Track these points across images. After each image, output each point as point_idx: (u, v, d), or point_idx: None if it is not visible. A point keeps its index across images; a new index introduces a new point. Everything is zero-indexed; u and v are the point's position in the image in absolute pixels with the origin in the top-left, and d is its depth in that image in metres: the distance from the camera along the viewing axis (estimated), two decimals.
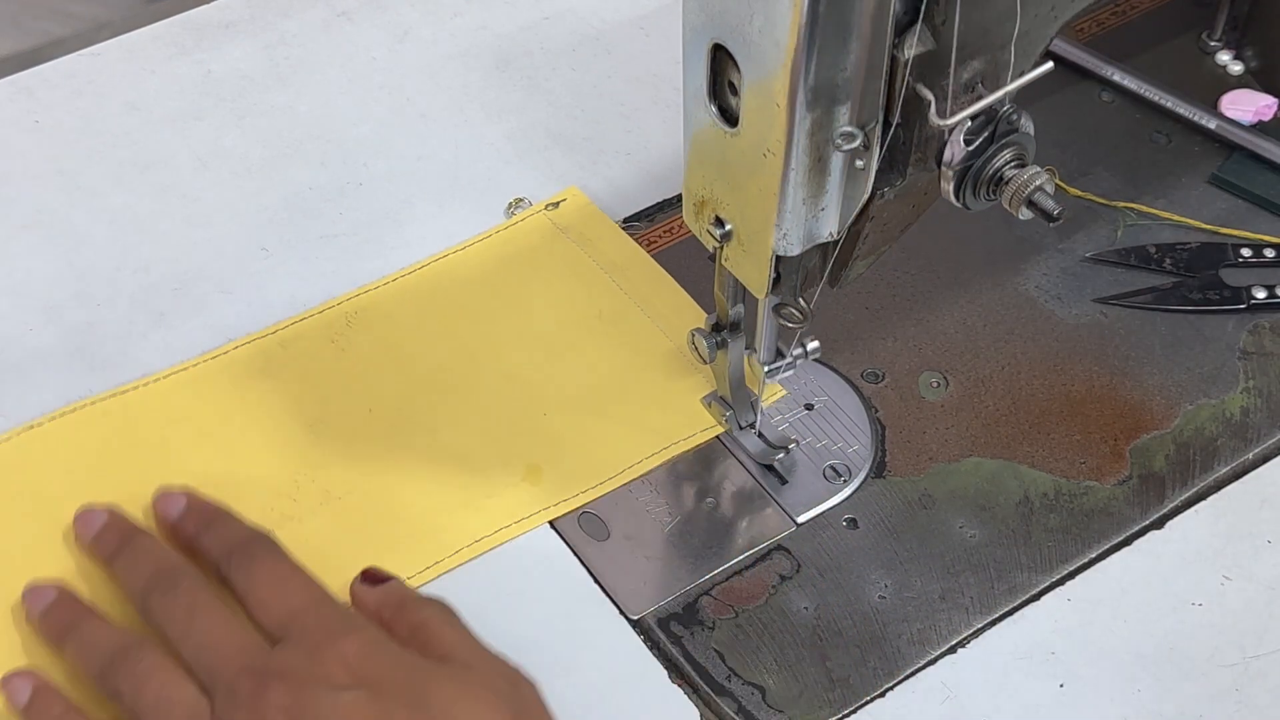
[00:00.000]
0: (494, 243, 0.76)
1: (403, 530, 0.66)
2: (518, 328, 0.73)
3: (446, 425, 0.69)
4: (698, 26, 0.54)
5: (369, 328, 0.73)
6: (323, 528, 0.65)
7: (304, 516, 0.66)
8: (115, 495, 0.64)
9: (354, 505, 0.66)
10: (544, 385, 0.71)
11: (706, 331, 0.66)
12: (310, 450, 0.68)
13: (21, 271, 0.77)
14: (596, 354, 0.72)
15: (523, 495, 0.67)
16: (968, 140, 0.54)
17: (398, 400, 0.70)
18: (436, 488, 0.67)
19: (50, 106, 0.85)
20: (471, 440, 0.69)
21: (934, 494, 0.68)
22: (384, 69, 0.88)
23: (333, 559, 0.62)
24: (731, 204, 0.57)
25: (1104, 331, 0.75)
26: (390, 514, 0.66)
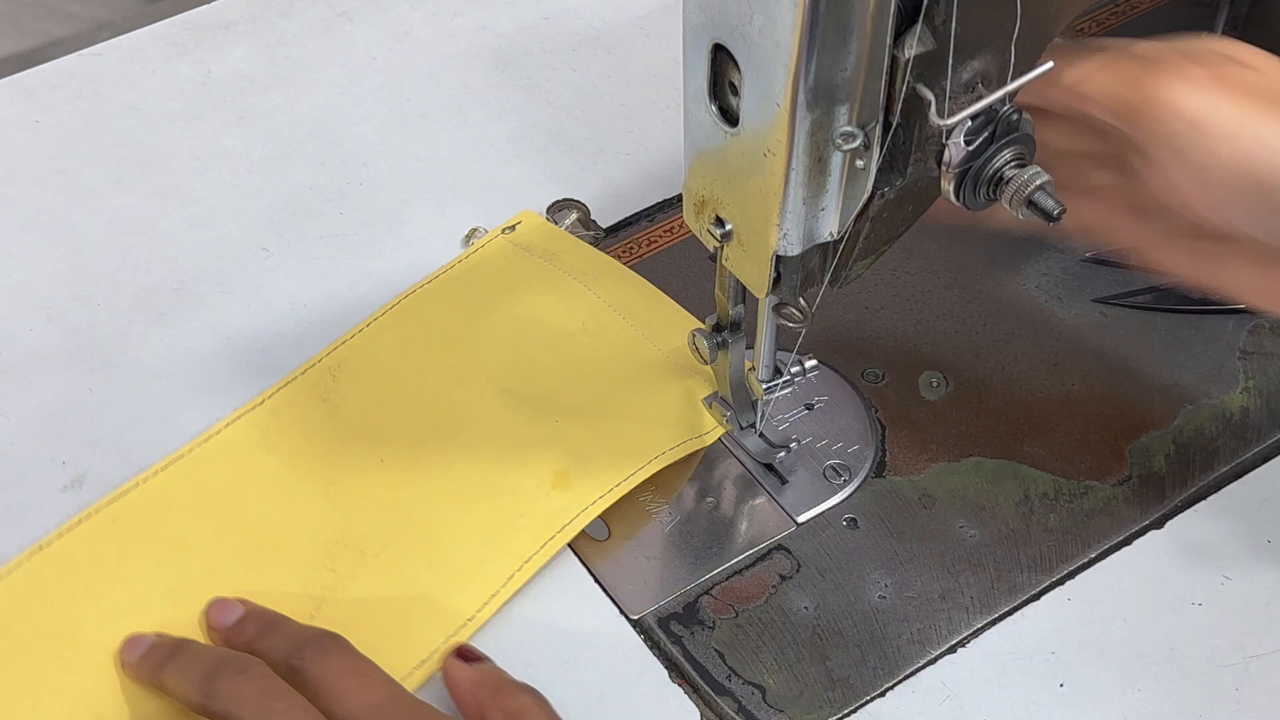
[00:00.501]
0: (460, 271, 0.75)
1: (451, 571, 0.64)
2: (504, 348, 0.71)
3: (462, 455, 0.67)
4: (698, 26, 0.54)
5: (356, 378, 0.70)
6: (369, 590, 0.63)
7: (346, 584, 0.63)
8: (144, 606, 0.62)
9: (393, 559, 0.64)
10: (547, 398, 0.69)
11: (707, 332, 0.66)
12: (333, 515, 0.65)
13: (21, 271, 0.77)
14: (589, 364, 0.71)
15: (558, 503, 0.66)
16: (968, 140, 0.54)
17: (407, 442, 0.68)
18: (470, 519, 0.65)
19: (50, 106, 0.85)
20: (491, 464, 0.67)
21: (934, 494, 0.68)
22: (384, 69, 0.88)
23: (387, 619, 0.61)
24: (731, 204, 0.57)
25: (1104, 331, 0.75)
26: (432, 558, 0.64)
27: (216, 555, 0.64)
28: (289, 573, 0.63)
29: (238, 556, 0.64)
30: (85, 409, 0.71)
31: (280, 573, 0.63)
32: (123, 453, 0.70)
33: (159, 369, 0.73)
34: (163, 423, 0.71)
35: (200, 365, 0.73)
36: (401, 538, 0.65)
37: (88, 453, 0.70)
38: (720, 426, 0.69)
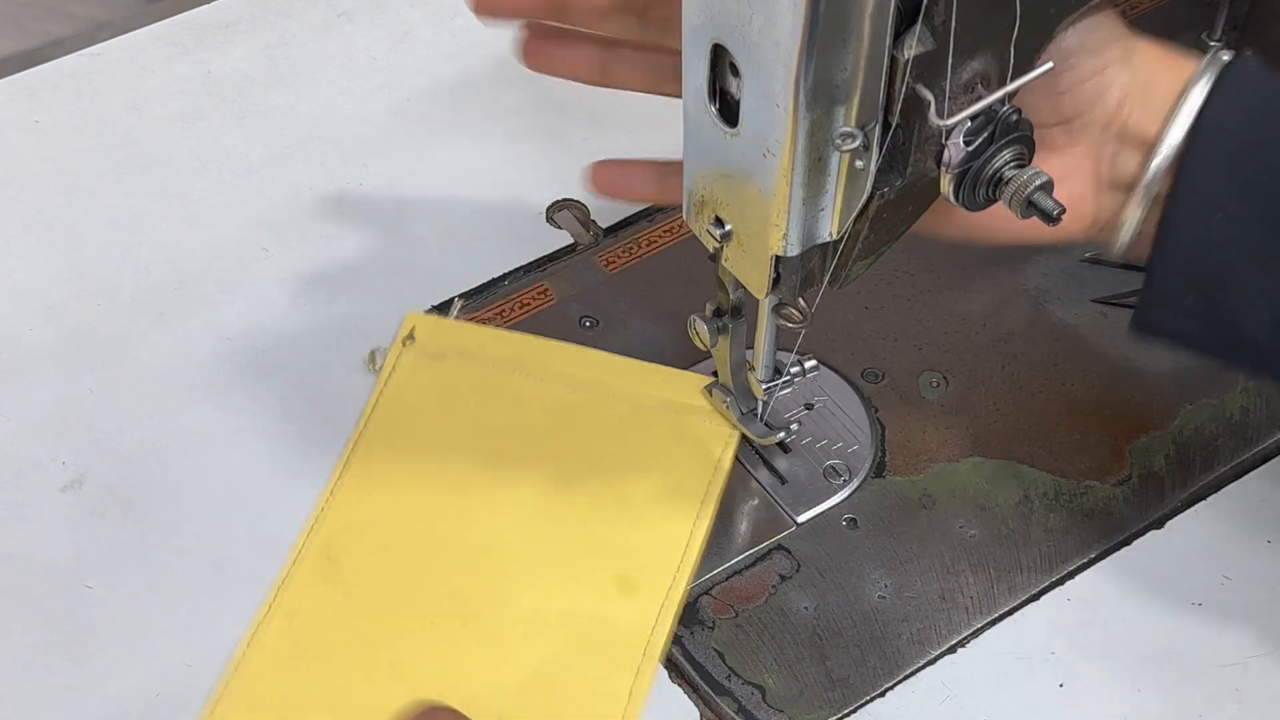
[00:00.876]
0: (386, 404, 0.70)
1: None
2: (488, 474, 0.67)
3: (513, 592, 0.63)
4: (698, 26, 0.54)
5: (353, 551, 0.65)
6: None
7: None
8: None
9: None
10: (559, 508, 0.66)
11: (708, 317, 0.66)
12: (400, 697, 0.60)
13: (21, 271, 0.77)
14: (578, 455, 0.67)
15: (635, 613, 0.62)
16: (967, 140, 0.54)
17: (452, 596, 0.63)
18: (559, 657, 0.62)
19: (50, 106, 0.85)
20: (550, 596, 0.63)
21: (934, 494, 0.68)
22: (384, 69, 0.88)
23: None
24: (731, 204, 0.57)
25: (1104, 331, 0.75)
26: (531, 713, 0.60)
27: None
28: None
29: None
30: (85, 409, 0.71)
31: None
32: (123, 453, 0.70)
33: (159, 369, 0.73)
34: (163, 423, 0.71)
35: (200, 365, 0.73)
36: (490, 701, 0.60)
37: (88, 453, 0.70)
38: (730, 440, 0.68)
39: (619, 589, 0.63)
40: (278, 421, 0.71)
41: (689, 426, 0.69)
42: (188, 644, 0.64)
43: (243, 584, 0.65)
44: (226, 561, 0.66)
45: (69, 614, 0.65)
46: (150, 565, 0.66)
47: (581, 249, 0.78)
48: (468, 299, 0.76)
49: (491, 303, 0.76)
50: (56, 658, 0.63)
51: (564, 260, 0.78)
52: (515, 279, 0.77)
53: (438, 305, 0.76)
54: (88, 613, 0.65)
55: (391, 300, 0.76)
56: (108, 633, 0.64)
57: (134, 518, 0.68)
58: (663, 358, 0.73)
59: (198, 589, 0.65)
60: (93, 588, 0.65)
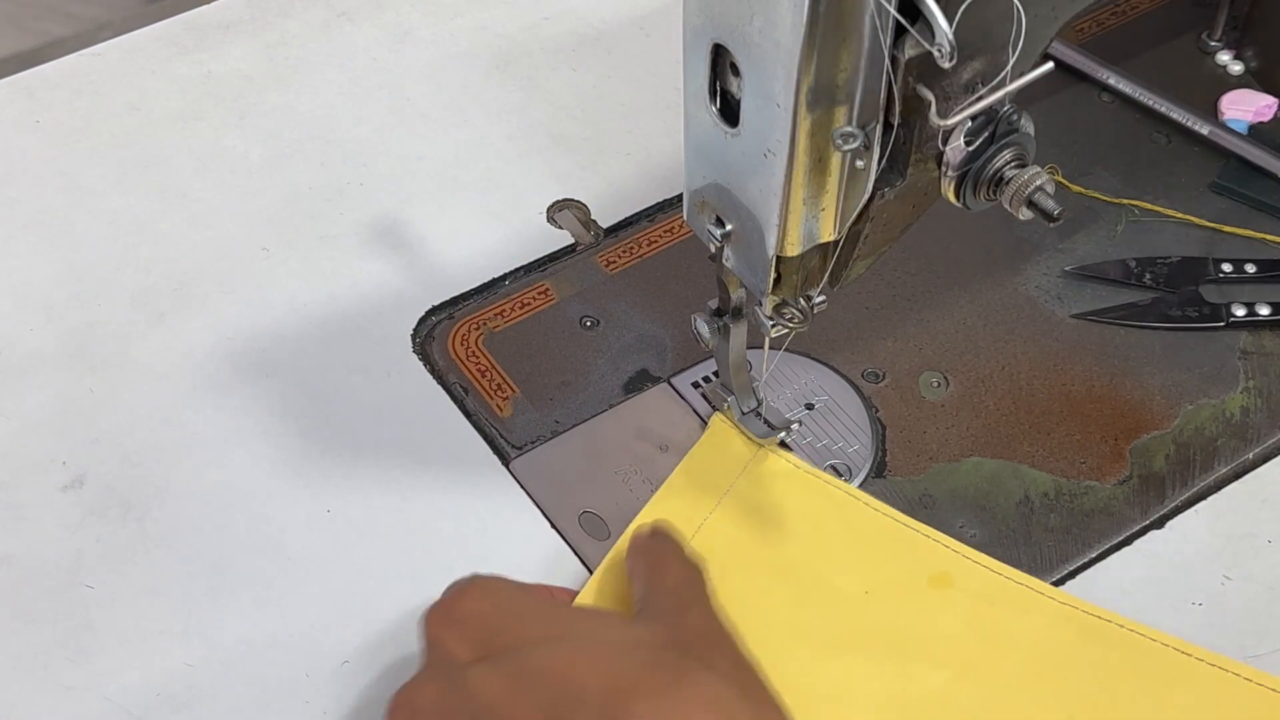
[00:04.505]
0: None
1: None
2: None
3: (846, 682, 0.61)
4: (698, 26, 0.54)
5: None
6: None
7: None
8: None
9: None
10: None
11: (708, 316, 0.66)
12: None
13: (21, 271, 0.77)
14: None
15: (963, 597, 0.63)
16: (968, 141, 0.54)
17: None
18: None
19: (50, 106, 0.85)
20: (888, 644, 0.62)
21: (934, 494, 0.68)
22: (384, 69, 0.88)
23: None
24: (731, 204, 0.57)
25: (1104, 331, 0.75)
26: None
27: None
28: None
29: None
30: (85, 409, 0.71)
31: None
32: (123, 453, 0.70)
33: (159, 369, 0.73)
34: (163, 423, 0.71)
35: (200, 365, 0.73)
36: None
37: (88, 453, 0.70)
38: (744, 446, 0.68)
39: (930, 582, 0.64)
40: (278, 421, 0.71)
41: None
42: (188, 644, 0.64)
43: (243, 584, 0.66)
44: (226, 561, 0.66)
45: (69, 614, 0.65)
46: (150, 565, 0.66)
47: (582, 249, 0.78)
48: (468, 299, 0.76)
49: (491, 303, 0.76)
50: (56, 658, 0.63)
51: (564, 260, 0.78)
52: (515, 279, 0.77)
53: (437, 306, 0.76)
54: (88, 613, 0.65)
55: (392, 300, 0.76)
56: (108, 633, 0.64)
57: (134, 518, 0.68)
58: (663, 357, 0.74)
59: (198, 589, 0.65)
60: (93, 588, 0.65)
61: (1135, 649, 0.62)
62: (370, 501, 0.68)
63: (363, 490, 0.69)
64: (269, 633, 0.64)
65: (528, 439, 0.71)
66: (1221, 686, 0.61)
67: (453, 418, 0.71)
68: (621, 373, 0.73)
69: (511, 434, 0.71)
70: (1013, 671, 0.61)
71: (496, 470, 0.70)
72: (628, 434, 0.71)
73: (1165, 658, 0.62)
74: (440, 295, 0.76)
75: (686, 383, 0.72)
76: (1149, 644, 0.62)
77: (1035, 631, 0.62)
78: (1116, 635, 0.62)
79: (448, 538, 0.67)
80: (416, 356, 0.74)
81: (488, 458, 0.70)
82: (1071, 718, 0.60)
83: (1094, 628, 0.62)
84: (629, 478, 0.69)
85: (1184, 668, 0.61)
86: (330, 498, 0.68)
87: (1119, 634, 0.62)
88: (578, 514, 0.68)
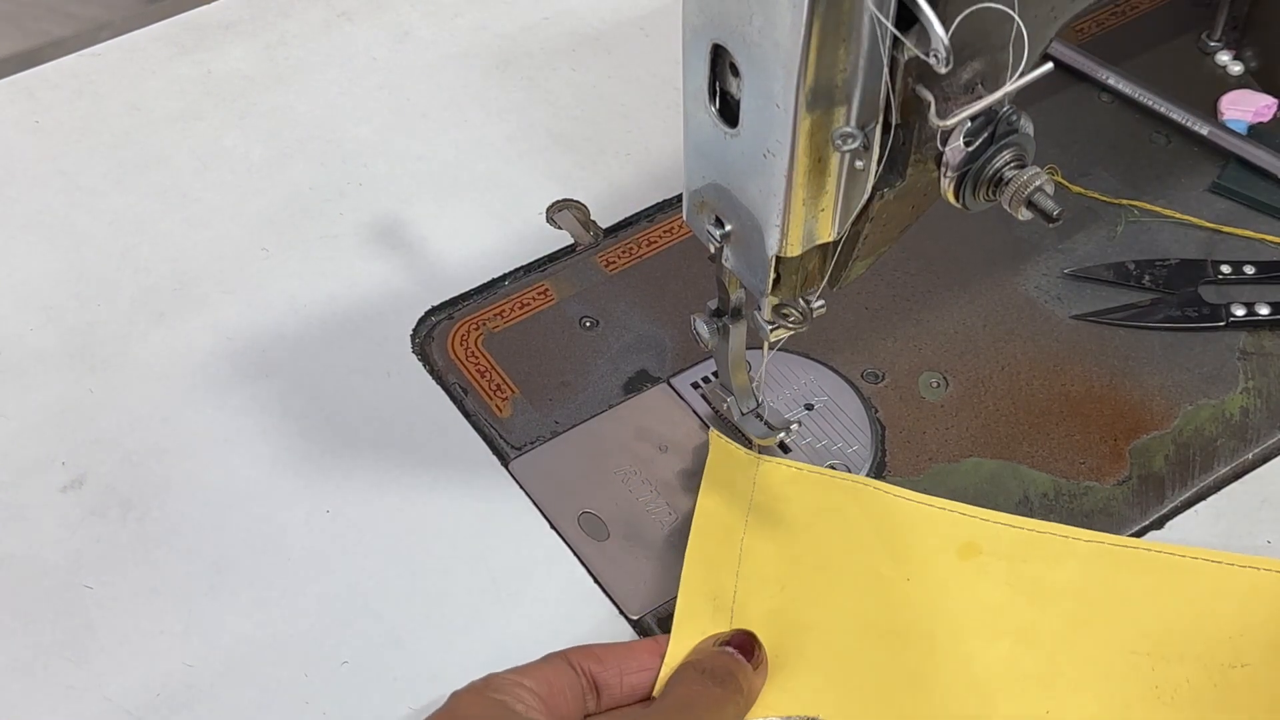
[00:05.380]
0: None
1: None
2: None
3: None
4: (698, 26, 0.54)
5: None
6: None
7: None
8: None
9: None
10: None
11: (707, 316, 0.66)
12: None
13: (21, 271, 0.77)
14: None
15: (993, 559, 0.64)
16: (967, 141, 0.54)
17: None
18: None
19: (50, 106, 0.85)
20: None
21: (934, 494, 0.68)
22: (384, 69, 0.88)
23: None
24: (731, 204, 0.57)
25: (1104, 332, 0.75)
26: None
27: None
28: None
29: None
30: (85, 409, 0.71)
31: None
32: (123, 453, 0.70)
33: (159, 369, 0.73)
34: (163, 423, 0.71)
35: (200, 365, 0.73)
36: None
37: (88, 453, 0.70)
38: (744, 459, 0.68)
39: (959, 552, 0.65)
40: (278, 421, 0.71)
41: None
42: (188, 644, 0.64)
43: (243, 584, 0.66)
44: (226, 561, 0.66)
45: (69, 614, 0.65)
46: (150, 565, 0.66)
47: (581, 249, 0.78)
48: (467, 299, 0.76)
49: (491, 303, 0.76)
50: (56, 658, 0.63)
51: (564, 260, 0.78)
52: (515, 279, 0.77)
53: (437, 306, 0.76)
54: (88, 613, 0.65)
55: (391, 300, 0.76)
56: (108, 633, 0.64)
57: (134, 518, 0.68)
58: (663, 358, 0.74)
59: (198, 589, 0.65)
60: (93, 588, 0.65)
61: (1172, 569, 0.64)
62: (370, 501, 0.68)
63: (363, 490, 0.69)
64: (269, 633, 0.64)
65: (527, 439, 0.71)
66: (1259, 583, 0.64)
67: (452, 418, 0.71)
68: (621, 373, 0.73)
69: (511, 434, 0.71)
70: (1065, 622, 0.63)
71: (496, 470, 0.70)
72: (627, 434, 0.71)
73: (1201, 570, 0.64)
74: (440, 295, 0.76)
75: (686, 383, 0.73)
76: (1182, 560, 0.65)
77: (1073, 578, 0.64)
78: (1149, 560, 0.65)
79: (447, 538, 0.67)
80: (416, 357, 0.74)
81: (487, 458, 0.70)
82: (1134, 650, 0.62)
83: (1126, 558, 0.65)
84: (628, 478, 0.69)
85: (1222, 576, 0.64)
86: (330, 498, 0.69)
87: (1151, 558, 0.65)
88: (577, 514, 0.68)
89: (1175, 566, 0.64)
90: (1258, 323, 0.74)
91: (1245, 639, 0.62)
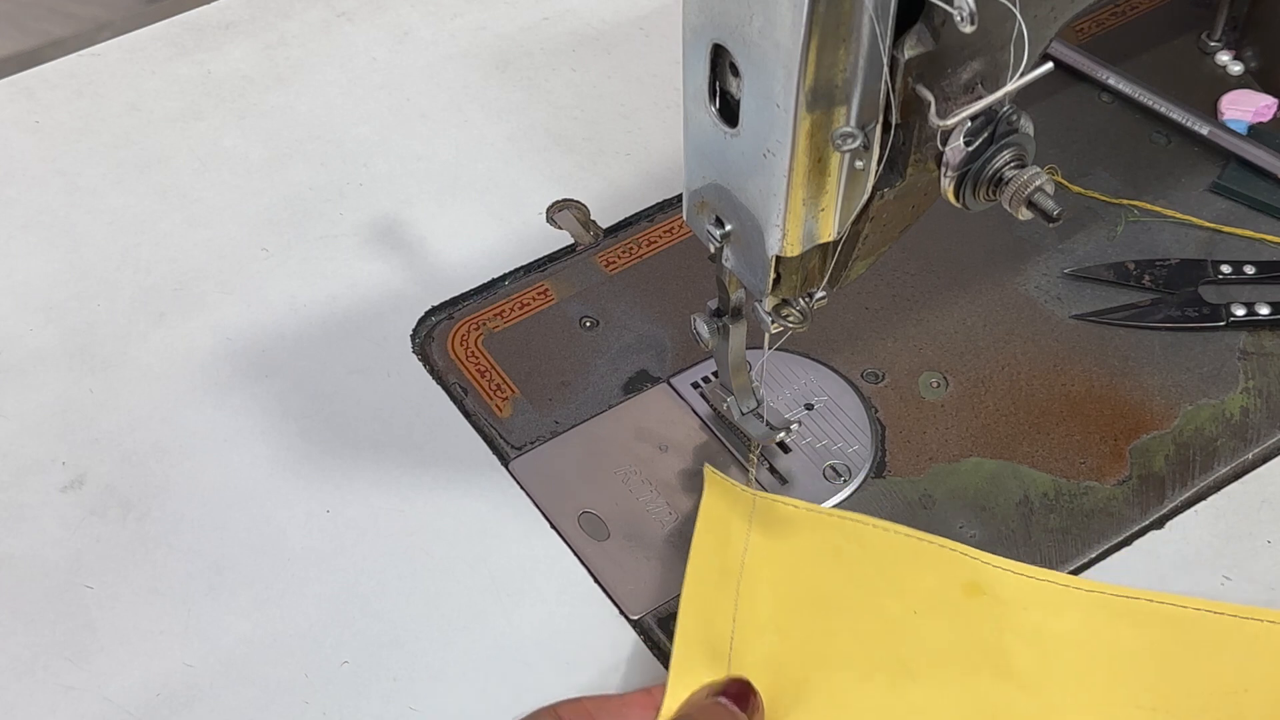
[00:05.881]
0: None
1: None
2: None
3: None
4: (698, 26, 0.54)
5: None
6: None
7: None
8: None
9: None
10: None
11: (707, 316, 0.66)
12: None
13: (21, 271, 0.77)
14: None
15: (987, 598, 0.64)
16: (967, 141, 0.54)
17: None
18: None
19: (50, 106, 0.85)
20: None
21: (934, 494, 0.68)
22: (384, 69, 0.88)
23: None
24: (731, 204, 0.57)
25: (1104, 332, 0.75)
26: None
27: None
28: None
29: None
30: (85, 409, 0.71)
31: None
32: (123, 453, 0.70)
33: (159, 369, 0.73)
34: (163, 423, 0.71)
35: (200, 365, 0.73)
36: None
37: (88, 453, 0.70)
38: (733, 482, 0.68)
39: (966, 592, 0.64)
40: (278, 421, 0.71)
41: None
42: (188, 644, 0.64)
43: (243, 584, 0.66)
44: (226, 561, 0.66)
45: (69, 614, 0.65)
46: (150, 565, 0.66)
47: (581, 249, 0.78)
48: (467, 299, 0.76)
49: (491, 303, 0.76)
50: (56, 658, 0.63)
51: (564, 260, 0.78)
52: (515, 279, 0.77)
53: (437, 306, 0.76)
54: (88, 613, 0.65)
55: (391, 300, 0.76)
56: (108, 633, 0.64)
57: (134, 518, 0.68)
58: (663, 358, 0.74)
59: (198, 589, 0.65)
60: (93, 588, 0.65)
61: (1173, 621, 0.63)
62: (370, 501, 0.68)
63: (363, 490, 0.69)
64: (269, 633, 0.64)
65: (527, 439, 0.71)
66: (1260, 635, 0.63)
67: (452, 418, 0.71)
68: (621, 373, 0.73)
69: (511, 434, 0.71)
70: (1067, 673, 0.62)
71: (496, 470, 0.70)
72: (627, 434, 0.71)
73: (1203, 623, 0.63)
74: (440, 295, 0.76)
75: (686, 383, 0.73)
76: (1184, 613, 0.63)
77: (1074, 628, 0.63)
78: (1150, 612, 0.64)
79: (447, 538, 0.67)
80: (416, 357, 0.74)
81: (487, 458, 0.70)
82: (1138, 704, 0.61)
83: (1127, 609, 0.64)
84: (628, 478, 0.69)
85: (1224, 628, 0.63)
86: (330, 498, 0.69)
87: (1152, 610, 0.64)
88: (577, 514, 0.68)
89: (1176, 619, 0.63)
90: (1258, 323, 0.74)
91: (1249, 695, 0.61)
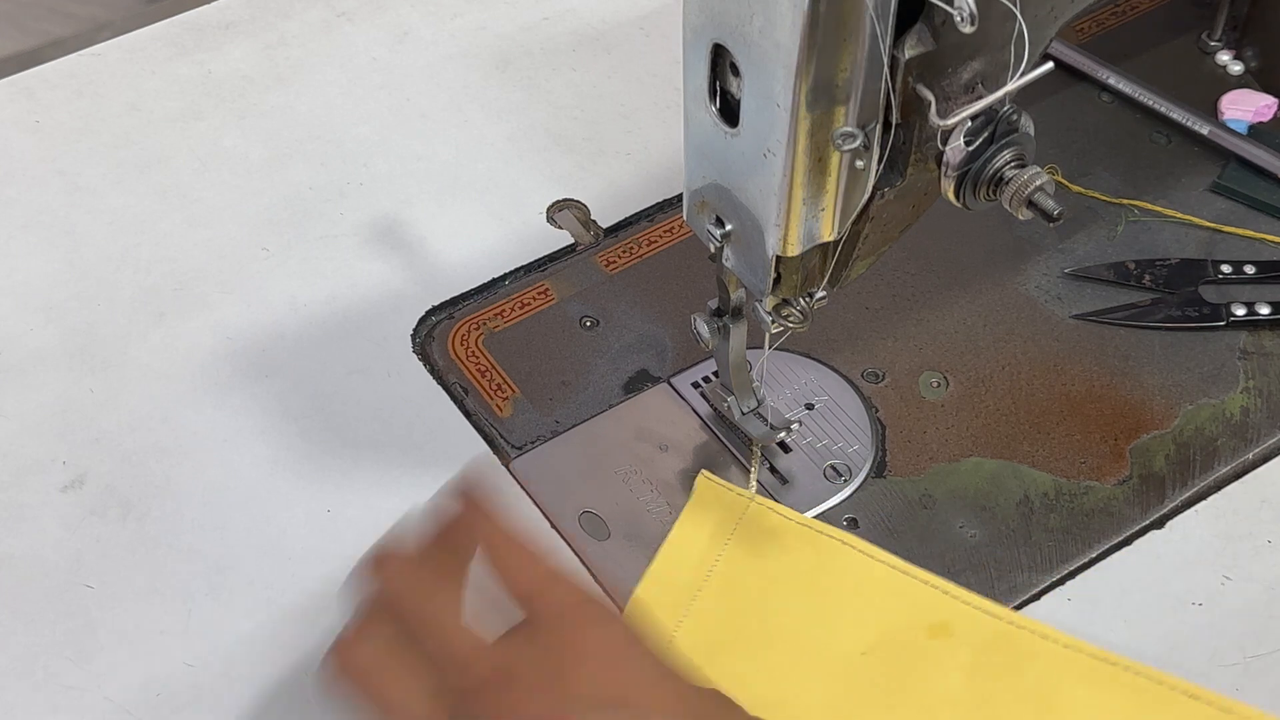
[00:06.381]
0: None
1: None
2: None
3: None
4: (698, 26, 0.54)
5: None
6: None
7: None
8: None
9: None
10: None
11: (708, 316, 0.66)
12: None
13: (21, 271, 0.77)
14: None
15: (958, 643, 0.63)
16: (967, 141, 0.54)
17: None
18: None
19: (50, 106, 0.85)
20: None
21: (934, 494, 0.68)
22: (384, 69, 0.88)
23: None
24: (731, 204, 0.57)
25: (1104, 331, 0.75)
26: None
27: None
28: None
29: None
30: (85, 409, 0.71)
31: None
32: (123, 453, 0.70)
33: (159, 369, 0.73)
34: (163, 423, 0.71)
35: (200, 365, 0.73)
36: None
37: (88, 453, 0.70)
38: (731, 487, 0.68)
39: (930, 633, 0.63)
40: (278, 421, 0.71)
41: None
42: (188, 644, 0.64)
43: (243, 584, 0.66)
44: (226, 561, 0.66)
45: (69, 614, 0.65)
46: (150, 565, 0.66)
47: (581, 249, 0.78)
48: (468, 299, 0.76)
49: (491, 303, 0.76)
50: (57, 658, 0.63)
51: (564, 260, 0.78)
52: (515, 279, 0.77)
53: (437, 306, 0.76)
54: (88, 613, 0.65)
55: (391, 300, 0.76)
56: (108, 633, 0.64)
57: (134, 518, 0.68)
58: (663, 357, 0.74)
59: (198, 589, 0.65)
60: (93, 588, 0.65)
61: (1140, 692, 0.61)
62: (370, 501, 0.68)
63: (363, 490, 0.69)
64: (269, 633, 0.64)
65: (528, 439, 0.71)
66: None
67: (453, 418, 0.71)
68: (621, 373, 0.73)
69: (511, 434, 0.71)
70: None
71: (496, 470, 0.69)
72: (628, 434, 0.71)
73: (1171, 701, 0.61)
74: (440, 295, 0.76)
75: (686, 383, 0.72)
76: (1155, 687, 0.61)
77: (1033, 685, 0.62)
78: (1119, 679, 0.61)
79: None
80: (416, 356, 0.74)
81: (488, 458, 0.70)
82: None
83: (1096, 672, 0.62)
84: (629, 478, 0.69)
85: (1189, 711, 0.61)
86: (330, 498, 0.69)
87: (1123, 677, 0.62)
88: (578, 514, 0.68)
89: (1145, 692, 0.61)
90: (1258, 322, 0.74)
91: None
